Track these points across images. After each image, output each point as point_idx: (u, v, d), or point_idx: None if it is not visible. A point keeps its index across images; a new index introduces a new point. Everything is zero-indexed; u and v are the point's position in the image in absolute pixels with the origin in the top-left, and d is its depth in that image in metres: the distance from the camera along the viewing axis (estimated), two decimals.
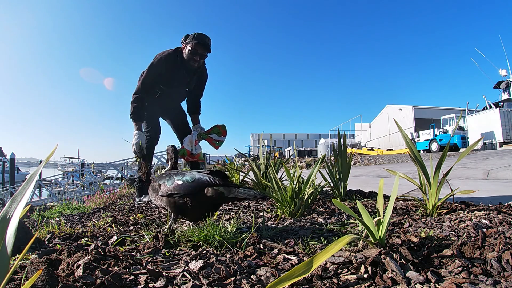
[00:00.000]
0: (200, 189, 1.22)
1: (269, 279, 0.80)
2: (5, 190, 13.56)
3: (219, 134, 2.64)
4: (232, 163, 3.93)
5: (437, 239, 1.07)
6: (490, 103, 16.17)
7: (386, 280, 0.75)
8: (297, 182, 1.66)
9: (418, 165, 1.60)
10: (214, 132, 2.63)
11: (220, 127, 2.65)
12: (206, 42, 2.42)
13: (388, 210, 0.98)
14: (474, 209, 1.56)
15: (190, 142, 2.54)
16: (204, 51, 2.44)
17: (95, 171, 16.54)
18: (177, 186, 1.25)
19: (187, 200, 1.22)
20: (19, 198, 0.55)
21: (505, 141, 14.28)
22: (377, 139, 23.19)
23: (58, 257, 0.91)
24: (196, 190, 1.22)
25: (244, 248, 1.04)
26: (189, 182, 1.23)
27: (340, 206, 1.02)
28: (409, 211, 1.69)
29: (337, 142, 2.22)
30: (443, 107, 23.13)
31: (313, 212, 1.74)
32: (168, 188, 1.27)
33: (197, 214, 1.25)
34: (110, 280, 0.74)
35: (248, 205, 2.07)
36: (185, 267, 0.86)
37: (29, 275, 0.78)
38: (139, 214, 1.86)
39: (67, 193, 8.72)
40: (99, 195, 3.47)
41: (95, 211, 2.62)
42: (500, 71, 18.88)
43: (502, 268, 0.78)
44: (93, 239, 1.28)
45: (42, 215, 2.59)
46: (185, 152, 2.49)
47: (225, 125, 2.68)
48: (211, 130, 2.64)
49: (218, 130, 2.64)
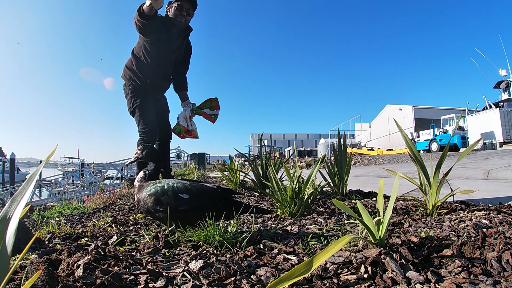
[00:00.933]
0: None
1: (269, 279, 0.80)
2: (5, 190, 13.57)
3: (212, 108, 2.56)
4: (232, 162, 3.92)
5: (437, 239, 1.07)
6: (490, 103, 16.17)
7: (386, 280, 0.75)
8: (297, 182, 1.66)
9: (418, 165, 1.60)
10: (207, 106, 2.55)
11: (212, 100, 2.56)
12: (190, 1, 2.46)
13: (388, 210, 0.98)
14: (474, 209, 1.56)
15: (184, 119, 2.44)
16: (190, 7, 2.47)
17: (95, 171, 16.53)
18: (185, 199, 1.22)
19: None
20: (19, 198, 0.55)
21: (505, 141, 14.28)
22: (377, 139, 23.19)
23: (58, 257, 0.92)
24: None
25: (244, 248, 1.04)
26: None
27: (340, 206, 1.02)
28: (409, 211, 1.69)
29: (337, 142, 2.22)
30: (443, 107, 23.14)
31: (313, 212, 1.74)
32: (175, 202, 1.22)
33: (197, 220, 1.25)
34: (110, 280, 0.74)
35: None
36: (185, 267, 0.86)
37: (29, 275, 0.78)
38: (139, 214, 1.86)
39: (67, 193, 8.72)
40: (99, 195, 3.46)
41: (95, 211, 2.62)
42: (500, 71, 18.89)
43: (502, 268, 0.78)
44: (93, 239, 1.28)
45: (42, 215, 2.58)
46: (182, 129, 2.40)
47: (217, 98, 2.60)
48: (203, 104, 2.56)
49: (211, 104, 2.55)
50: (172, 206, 1.21)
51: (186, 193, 1.23)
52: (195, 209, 1.22)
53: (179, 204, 1.21)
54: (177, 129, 2.41)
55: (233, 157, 4.08)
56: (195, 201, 1.22)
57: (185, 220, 1.23)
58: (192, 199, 1.22)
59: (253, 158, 4.37)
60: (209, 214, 1.19)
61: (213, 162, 15.27)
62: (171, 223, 1.22)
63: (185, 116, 2.45)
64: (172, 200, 1.21)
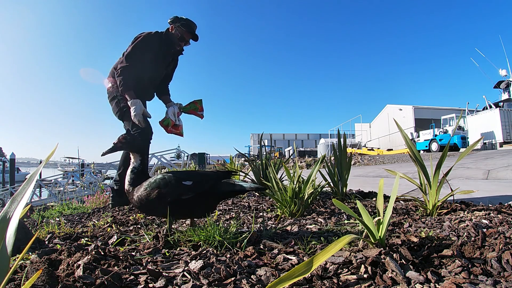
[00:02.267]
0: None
1: (269, 279, 0.80)
2: (5, 190, 13.56)
3: (196, 110, 2.63)
4: (232, 162, 3.92)
5: (437, 239, 1.07)
6: (490, 103, 16.17)
7: (386, 280, 0.75)
8: (297, 182, 1.66)
9: (418, 165, 1.60)
10: (191, 108, 2.62)
11: (197, 102, 2.64)
12: (194, 31, 2.51)
13: (388, 210, 0.98)
14: (474, 209, 1.56)
15: (173, 114, 2.48)
16: (190, 39, 2.53)
17: (95, 171, 16.52)
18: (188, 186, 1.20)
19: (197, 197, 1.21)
20: (19, 198, 0.55)
21: (505, 141, 14.28)
22: (377, 139, 23.19)
23: (58, 257, 0.92)
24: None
25: (244, 248, 1.04)
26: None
27: (340, 206, 1.02)
28: (409, 211, 1.69)
29: (337, 142, 2.22)
30: (443, 107, 23.14)
31: (313, 212, 1.74)
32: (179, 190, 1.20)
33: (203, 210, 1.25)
34: (110, 280, 0.74)
35: (248, 205, 2.07)
36: (185, 267, 0.86)
37: (29, 275, 0.78)
38: (139, 214, 1.86)
39: (67, 193, 8.71)
40: (99, 195, 3.46)
41: (95, 211, 2.62)
42: (500, 71, 18.88)
43: (502, 268, 0.78)
44: (93, 239, 1.28)
45: (42, 215, 2.58)
46: (170, 122, 2.42)
47: (202, 100, 2.67)
48: (189, 105, 2.63)
49: (195, 106, 2.62)
50: (176, 196, 1.18)
51: (189, 180, 1.21)
52: (199, 195, 1.21)
53: (184, 193, 1.19)
54: (166, 121, 2.43)
55: (233, 157, 4.07)
56: (199, 187, 1.20)
57: (190, 210, 1.22)
58: (195, 184, 1.20)
59: (253, 158, 4.37)
60: (214, 200, 1.20)
61: (213, 162, 15.26)
62: (175, 216, 1.22)
63: (173, 111, 2.50)
64: (176, 188, 1.18)
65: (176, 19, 2.49)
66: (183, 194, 1.19)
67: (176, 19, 2.49)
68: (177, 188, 1.18)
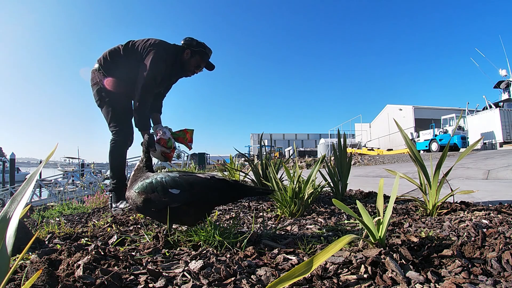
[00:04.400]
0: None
1: (269, 279, 0.80)
2: (5, 190, 13.55)
3: (185, 140, 2.43)
4: (232, 162, 3.91)
5: (437, 239, 1.07)
6: (490, 103, 16.18)
7: (386, 280, 0.75)
8: (297, 182, 1.66)
9: (418, 165, 1.60)
10: (181, 135, 2.42)
11: (188, 132, 2.43)
12: (209, 59, 2.38)
13: (388, 210, 0.98)
14: (474, 209, 1.56)
15: (169, 137, 2.28)
16: (204, 66, 2.39)
17: (95, 171, 16.52)
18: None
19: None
20: (19, 198, 0.55)
21: (505, 141, 14.29)
22: (377, 139, 23.20)
23: (58, 257, 0.91)
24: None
25: (244, 248, 1.04)
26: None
27: (340, 206, 1.02)
28: (409, 211, 1.69)
29: (337, 142, 2.23)
30: (443, 107, 23.15)
31: (313, 212, 1.74)
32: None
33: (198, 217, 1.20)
34: (110, 280, 0.74)
35: (248, 206, 2.07)
36: (185, 267, 0.86)
37: (29, 275, 0.78)
38: (139, 214, 1.86)
39: (67, 193, 8.71)
40: (99, 195, 3.46)
41: (95, 211, 2.62)
42: (500, 71, 18.90)
43: (502, 268, 0.78)
44: (93, 239, 1.28)
45: (42, 215, 2.58)
46: (172, 145, 2.24)
47: (193, 130, 2.47)
48: (179, 132, 2.43)
49: (185, 135, 2.42)
50: (164, 204, 1.11)
51: (176, 188, 1.11)
52: (188, 205, 1.13)
53: (170, 202, 1.10)
54: (169, 143, 2.23)
55: (233, 157, 4.06)
56: (187, 196, 1.11)
57: (180, 219, 1.16)
58: (183, 194, 1.11)
59: (253, 158, 4.36)
60: (205, 208, 1.13)
61: (213, 162, 15.27)
62: (165, 222, 1.14)
63: (167, 135, 2.31)
64: (161, 196, 1.11)
65: (192, 43, 2.28)
66: (169, 203, 1.11)
67: (192, 43, 2.28)
68: (163, 195, 1.12)
